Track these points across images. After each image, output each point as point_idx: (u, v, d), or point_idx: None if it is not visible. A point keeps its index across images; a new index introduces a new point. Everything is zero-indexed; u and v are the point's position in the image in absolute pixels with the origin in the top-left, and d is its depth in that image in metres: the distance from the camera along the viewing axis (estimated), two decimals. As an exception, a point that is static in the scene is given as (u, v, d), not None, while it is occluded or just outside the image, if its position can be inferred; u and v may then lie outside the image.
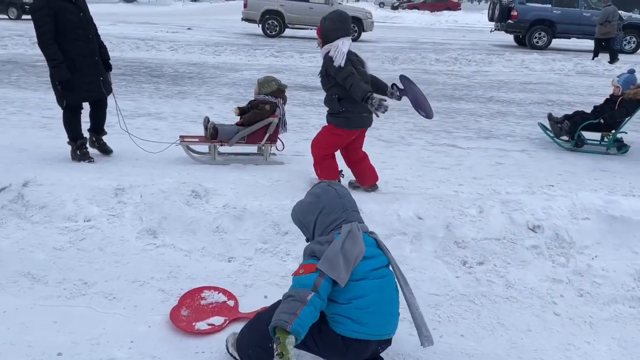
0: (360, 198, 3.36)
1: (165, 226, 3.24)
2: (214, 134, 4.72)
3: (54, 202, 3.31)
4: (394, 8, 39.69)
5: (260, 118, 4.74)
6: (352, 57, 3.66)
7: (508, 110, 7.72)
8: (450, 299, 2.77)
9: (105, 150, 4.81)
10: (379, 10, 34.84)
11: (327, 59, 3.60)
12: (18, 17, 21.41)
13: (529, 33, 16.76)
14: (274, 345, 1.88)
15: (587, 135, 5.69)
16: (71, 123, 4.48)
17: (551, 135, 5.86)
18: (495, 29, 18.33)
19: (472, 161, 5.19)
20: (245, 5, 18.40)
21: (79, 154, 4.56)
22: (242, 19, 18.78)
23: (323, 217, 2.15)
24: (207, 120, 4.84)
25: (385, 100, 3.46)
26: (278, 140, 4.89)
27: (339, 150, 4.07)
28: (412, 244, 3.07)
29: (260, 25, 18.17)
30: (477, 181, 4.47)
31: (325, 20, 3.68)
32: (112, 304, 2.62)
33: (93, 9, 4.54)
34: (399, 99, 3.96)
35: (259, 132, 4.78)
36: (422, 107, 3.94)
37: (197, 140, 4.88)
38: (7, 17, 21.52)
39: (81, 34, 4.16)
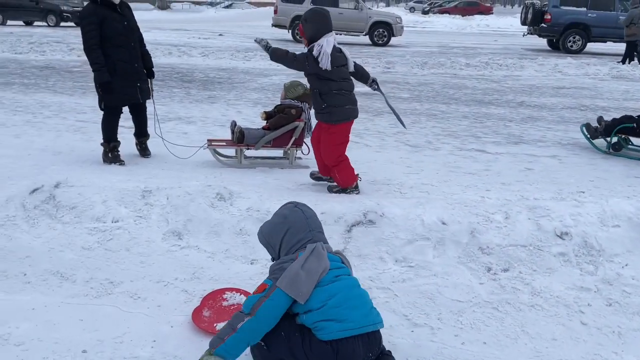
0: (382, 202, 3.36)
1: (190, 228, 3.29)
2: (240, 137, 4.78)
3: (84, 203, 3.40)
4: (425, 13, 39.44)
5: (286, 122, 4.78)
6: (335, 54, 3.68)
7: (539, 115, 7.57)
8: (473, 305, 2.73)
9: (145, 153, 4.97)
10: (410, 15, 34.71)
11: (309, 56, 3.67)
12: (56, 25, 22.14)
13: (563, 37, 16.41)
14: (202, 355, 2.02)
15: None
16: (107, 125, 4.67)
17: (587, 136, 5.71)
18: (528, 33, 18.01)
19: (501, 166, 5.11)
20: (275, 12, 18.60)
21: (110, 156, 4.70)
22: (272, 25, 18.97)
23: (289, 237, 2.20)
24: (234, 124, 4.90)
25: (263, 41, 3.80)
26: (304, 144, 4.92)
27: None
28: (436, 250, 3.03)
29: (289, 30, 18.32)
30: (504, 187, 4.40)
31: (306, 21, 3.70)
32: (136, 303, 2.67)
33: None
34: (375, 90, 4.24)
35: (284, 136, 4.82)
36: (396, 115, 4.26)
37: (224, 144, 4.96)
38: (46, 24, 22.28)
39: (123, 41, 4.39)
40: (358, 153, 5.47)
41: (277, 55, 3.73)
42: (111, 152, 4.71)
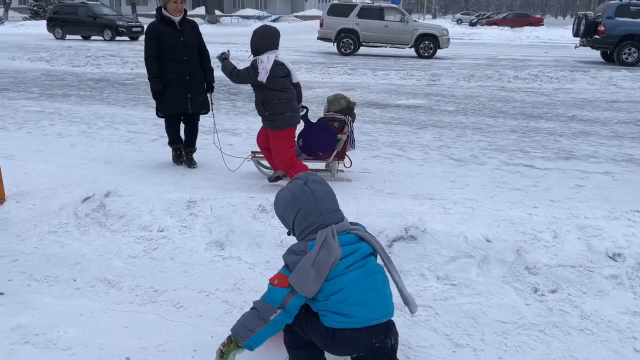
0: (425, 218, 3.30)
1: (232, 239, 3.33)
2: (283, 150, 4.82)
3: (132, 213, 3.51)
4: (472, 24, 38.90)
5: (329, 135, 4.79)
6: (275, 68, 4.05)
7: (591, 130, 7.29)
8: (518, 327, 2.63)
9: (191, 164, 5.15)
10: (457, 27, 34.29)
11: (250, 69, 4.10)
12: (112, 39, 23.13)
13: (618, 49, 15.80)
14: (223, 343, 2.08)
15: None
16: (168, 130, 5.12)
17: None
18: (581, 45, 17.45)
19: (550, 183, 4.95)
20: (321, 25, 18.80)
21: (173, 154, 5.24)
22: (318, 38, 19.17)
23: (300, 219, 2.13)
24: None
25: (224, 56, 4.31)
26: (346, 157, 4.91)
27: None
28: (480, 268, 2.95)
29: (335, 43, 18.46)
30: (553, 204, 4.25)
31: (256, 35, 4.08)
32: (179, 312, 2.72)
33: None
34: (303, 116, 4.53)
35: (327, 149, 4.83)
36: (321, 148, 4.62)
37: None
38: (102, 38, 23.30)
39: (176, 55, 4.70)
40: (401, 166, 5.43)
41: (225, 69, 4.22)
42: (175, 153, 5.21)
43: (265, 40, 4.06)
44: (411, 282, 2.91)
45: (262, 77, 4.01)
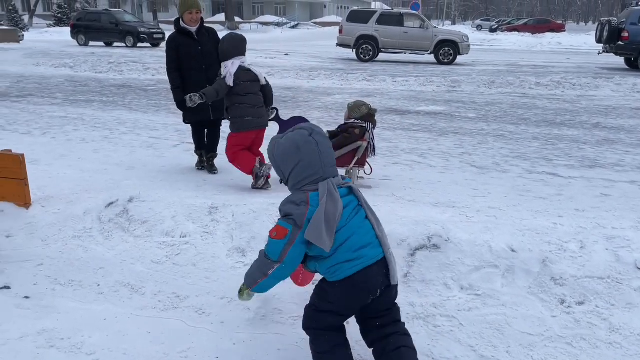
0: (448, 227, 3.26)
1: (253, 245, 3.33)
2: (304, 157, 4.82)
3: (155, 218, 3.53)
4: (493, 31, 38.62)
5: (349, 142, 4.78)
6: (240, 73, 4.37)
7: (616, 138, 7.16)
8: (545, 339, 2.58)
9: (212, 170, 5.21)
10: (477, 33, 34.09)
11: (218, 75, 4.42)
12: (134, 45, 23.48)
13: (643, 55, 15.55)
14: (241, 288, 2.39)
15: None
16: (193, 136, 5.28)
17: None
18: (604, 51, 17.21)
19: (574, 191, 4.86)
20: (340, 31, 18.86)
21: (197, 161, 5.36)
22: (337, 45, 19.22)
23: (299, 170, 2.14)
24: None
25: (196, 96, 4.30)
26: (366, 164, 4.90)
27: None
28: (504, 278, 2.90)
29: (354, 50, 18.48)
30: (579, 213, 4.17)
31: (224, 42, 4.43)
32: (201, 318, 2.72)
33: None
34: (273, 119, 4.80)
35: (347, 156, 4.81)
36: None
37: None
38: (124, 45, 23.66)
39: (194, 65, 4.81)
40: (421, 174, 5.39)
41: (210, 96, 4.36)
42: (199, 158, 5.33)
43: (232, 47, 4.40)
44: (434, 291, 2.87)
45: (229, 80, 4.32)
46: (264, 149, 4.38)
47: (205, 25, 4.99)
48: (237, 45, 4.43)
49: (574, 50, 26.50)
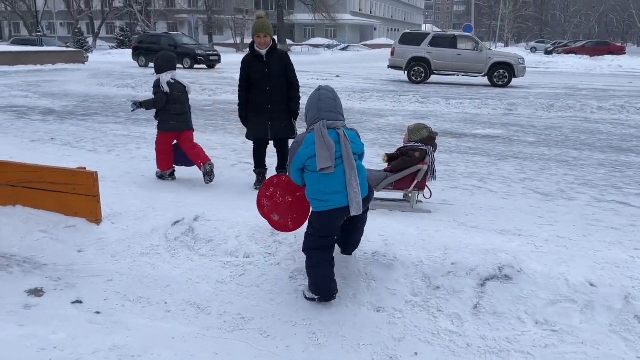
0: (520, 257, 3.14)
1: (316, 269, 3.30)
2: (362, 179, 4.79)
3: (219, 237, 3.57)
4: (548, 53, 37.73)
5: (409, 165, 4.72)
6: (171, 82, 5.25)
7: (691, 166, 6.76)
8: (629, 382, 2.41)
9: None
10: (531, 56, 33.38)
11: (154, 85, 5.34)
12: (191, 67, 24.27)
13: None
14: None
15: None
16: (253, 154, 5.45)
17: None
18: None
19: (649, 222, 4.59)
20: (392, 53, 18.86)
21: (255, 181, 5.46)
22: (389, 66, 19.22)
23: (308, 115, 3.01)
24: None
25: (135, 104, 5.28)
26: (426, 187, 4.81)
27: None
28: (583, 314, 2.74)
29: (405, 71, 18.42)
30: (657, 246, 3.92)
31: (158, 60, 5.32)
32: (266, 341, 2.71)
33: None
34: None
35: (407, 179, 4.75)
36: None
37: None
38: (182, 66, 24.50)
39: (259, 86, 5.03)
40: (482, 199, 5.25)
41: (148, 105, 5.28)
42: (257, 178, 5.45)
43: (164, 63, 5.30)
44: (507, 325, 2.75)
45: (165, 89, 5.20)
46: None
47: (279, 49, 5.16)
48: (169, 62, 5.33)
49: (636, 73, 25.45)
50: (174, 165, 5.70)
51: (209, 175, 5.37)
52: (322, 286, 2.96)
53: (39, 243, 3.66)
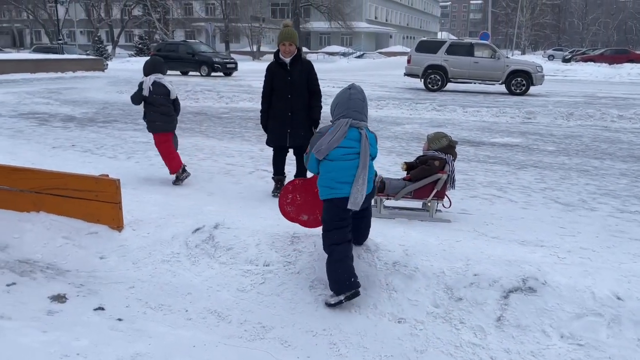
0: (544, 269, 3.09)
1: (337, 278, 3.28)
2: (381, 187, 4.77)
3: (239, 245, 3.58)
4: (566, 61, 37.37)
5: (428, 174, 4.69)
6: (154, 87, 5.62)
7: None
8: (659, 399, 2.35)
9: None
10: (549, 63, 33.09)
11: (139, 87, 5.70)
12: (208, 74, 24.47)
13: None
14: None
15: None
16: (273, 161, 5.48)
17: None
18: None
19: (675, 234, 4.50)
20: (408, 61, 18.82)
21: (274, 188, 5.48)
22: (405, 74, 19.18)
23: (336, 110, 3.21)
24: (375, 174, 4.91)
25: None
26: (445, 197, 4.77)
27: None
28: (610, 328, 2.69)
29: (422, 79, 18.37)
30: (683, 259, 3.84)
31: (146, 64, 5.78)
32: (287, 351, 2.69)
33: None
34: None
35: (426, 188, 4.72)
36: None
37: (365, 193, 4.98)
38: (199, 74, 24.74)
39: (281, 93, 5.10)
40: (502, 208, 5.19)
41: (132, 100, 5.77)
42: (275, 185, 5.46)
43: (150, 66, 5.70)
44: (531, 338, 2.70)
45: (145, 92, 5.60)
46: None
47: (303, 57, 5.20)
48: (155, 66, 5.74)
49: (657, 81, 25.09)
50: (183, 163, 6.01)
51: (179, 181, 5.92)
52: (347, 280, 3.03)
53: (62, 249, 3.70)
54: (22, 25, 63.13)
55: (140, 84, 5.69)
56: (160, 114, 5.68)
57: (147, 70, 5.71)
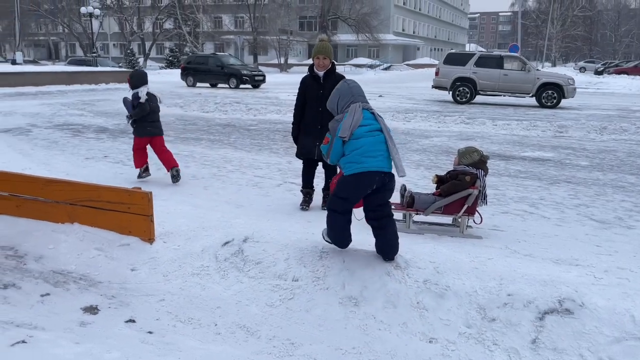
0: (581, 290, 3.00)
1: (366, 295, 3.25)
2: (410, 202, 4.72)
3: (268, 260, 3.58)
4: (598, 73, 36.64)
5: (459, 189, 4.62)
6: (149, 95, 6.24)
7: None
8: None
9: (324, 207, 5.31)
10: (580, 76, 32.51)
11: (134, 98, 6.26)
12: (236, 87, 24.79)
13: None
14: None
15: None
16: (302, 173, 5.49)
17: None
18: None
19: None
20: (437, 73, 18.74)
21: (302, 201, 5.49)
22: (433, 86, 19.08)
23: (341, 101, 3.58)
24: (404, 189, 4.86)
25: (128, 118, 6.40)
26: (476, 212, 4.69)
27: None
28: (652, 354, 2.58)
29: (450, 92, 18.24)
30: None
31: (132, 77, 6.34)
32: (316, 369, 2.67)
33: (295, 78, 5.39)
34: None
35: (456, 203, 4.65)
36: None
37: (393, 207, 4.92)
38: (228, 86, 25.07)
39: (313, 106, 5.16)
40: (534, 225, 5.08)
41: (138, 114, 6.22)
42: (303, 198, 5.49)
43: (138, 80, 6.26)
44: (568, 362, 2.62)
45: (143, 101, 6.15)
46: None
47: (337, 72, 5.21)
48: (142, 78, 6.28)
49: (694, 93, 24.36)
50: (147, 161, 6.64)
51: (175, 177, 6.46)
52: (337, 239, 3.62)
53: (94, 260, 3.76)
54: (58, 38, 65.14)
55: (136, 96, 6.20)
56: (150, 120, 6.31)
57: (138, 82, 6.26)
